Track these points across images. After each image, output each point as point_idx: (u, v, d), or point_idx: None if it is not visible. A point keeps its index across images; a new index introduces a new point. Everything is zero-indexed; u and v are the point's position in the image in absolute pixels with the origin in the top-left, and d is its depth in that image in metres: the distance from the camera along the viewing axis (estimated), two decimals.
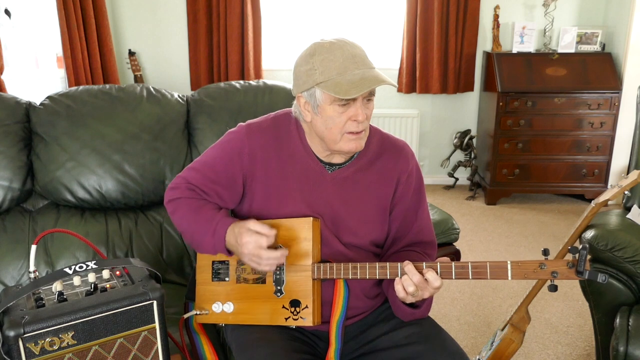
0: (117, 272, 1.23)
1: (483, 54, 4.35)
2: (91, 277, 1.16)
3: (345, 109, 1.23)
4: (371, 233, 1.38)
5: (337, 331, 1.30)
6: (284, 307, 1.30)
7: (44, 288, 1.16)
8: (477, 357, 2.07)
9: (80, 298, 1.12)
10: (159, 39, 4.34)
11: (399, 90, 4.40)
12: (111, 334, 1.12)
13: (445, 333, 1.33)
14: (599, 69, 3.95)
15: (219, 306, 1.36)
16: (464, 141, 4.32)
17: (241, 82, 2.00)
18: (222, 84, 1.99)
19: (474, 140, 4.40)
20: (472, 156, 4.38)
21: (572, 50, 4.06)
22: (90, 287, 1.15)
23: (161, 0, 4.26)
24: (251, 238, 1.22)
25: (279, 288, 1.30)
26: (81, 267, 1.14)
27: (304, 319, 1.28)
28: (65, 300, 1.11)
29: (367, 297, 1.39)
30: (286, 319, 1.29)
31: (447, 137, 4.59)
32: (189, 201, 1.35)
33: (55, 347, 1.07)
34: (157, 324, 1.17)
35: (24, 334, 1.03)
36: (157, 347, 1.18)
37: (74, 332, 1.08)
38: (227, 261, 1.37)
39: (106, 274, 1.21)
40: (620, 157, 4.01)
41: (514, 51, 4.11)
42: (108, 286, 1.16)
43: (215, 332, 1.57)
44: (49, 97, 1.84)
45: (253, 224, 1.23)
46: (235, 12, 4.13)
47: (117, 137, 1.79)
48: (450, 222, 1.89)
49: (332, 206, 1.34)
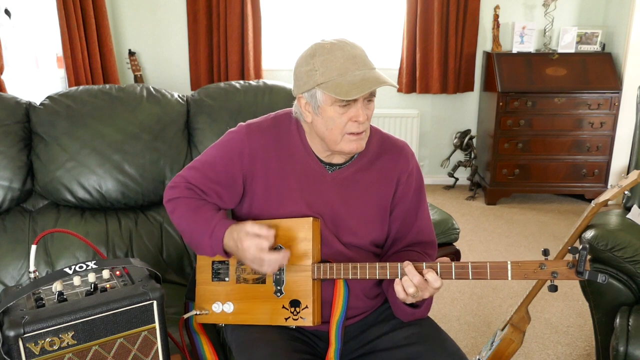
0: (117, 272, 1.23)
1: (483, 54, 4.35)
2: (91, 277, 1.16)
3: (346, 109, 1.23)
4: (371, 233, 1.38)
5: (337, 331, 1.30)
6: (283, 307, 1.30)
7: (44, 288, 1.16)
8: (477, 357, 2.07)
9: (80, 298, 1.12)
10: (159, 39, 4.34)
11: (399, 90, 4.40)
12: (111, 334, 1.12)
13: (445, 334, 1.33)
14: (599, 69, 3.95)
15: (219, 306, 1.36)
16: (464, 141, 4.32)
17: (241, 82, 2.00)
18: (222, 84, 1.99)
19: (474, 140, 4.40)
20: (472, 156, 4.38)
21: (572, 50, 4.06)
22: (90, 287, 1.15)
23: (161, 0, 4.26)
24: (252, 242, 1.21)
25: (278, 288, 1.30)
26: (81, 267, 1.14)
27: (303, 319, 1.28)
28: (65, 300, 1.11)
29: (367, 297, 1.39)
30: (286, 319, 1.29)
31: (447, 137, 4.59)
32: (188, 201, 1.35)
33: (55, 347, 1.07)
34: (157, 324, 1.17)
35: (24, 334, 1.03)
36: (157, 347, 1.18)
37: (74, 332, 1.08)
38: (227, 261, 1.37)
39: (106, 274, 1.21)
40: (620, 157, 4.01)
41: (514, 51, 4.11)
42: (108, 286, 1.16)
43: (215, 332, 1.57)
44: (49, 97, 1.84)
45: (251, 226, 1.23)
46: (235, 12, 4.13)
47: (117, 137, 1.79)
48: (450, 222, 1.89)
49: (332, 206, 1.34)
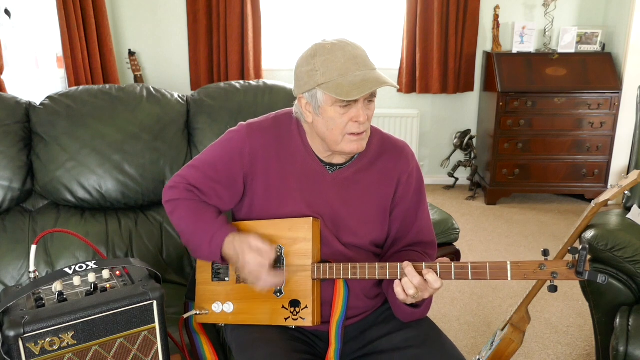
0: (117, 272, 1.23)
1: (483, 54, 4.35)
2: (91, 277, 1.16)
3: (347, 110, 1.23)
4: (371, 233, 1.38)
5: (337, 331, 1.30)
6: (283, 307, 1.30)
7: (44, 288, 1.16)
8: (477, 357, 2.07)
9: (80, 298, 1.12)
10: (159, 39, 4.34)
11: (399, 90, 4.40)
12: (111, 334, 1.12)
13: (445, 337, 1.33)
14: (599, 69, 3.95)
15: (219, 306, 1.36)
16: (464, 141, 4.32)
17: (241, 82, 2.00)
18: (222, 84, 1.99)
19: (474, 140, 4.40)
20: (472, 156, 4.38)
21: (572, 50, 4.06)
22: (90, 287, 1.15)
23: (161, 0, 4.26)
24: (254, 257, 1.22)
25: (278, 288, 1.30)
26: (81, 267, 1.14)
27: (303, 319, 1.28)
28: (65, 300, 1.11)
29: (367, 297, 1.39)
30: (286, 319, 1.29)
31: (447, 137, 4.59)
32: (188, 203, 1.35)
33: (55, 347, 1.07)
34: (157, 324, 1.17)
35: (24, 334, 1.03)
36: (157, 347, 1.18)
37: (74, 332, 1.08)
38: None
39: (106, 274, 1.21)
40: (620, 157, 4.01)
41: (514, 51, 4.11)
42: (108, 286, 1.16)
43: (215, 332, 1.57)
44: (49, 97, 1.85)
45: (254, 241, 1.24)
46: (235, 12, 4.13)
47: (117, 137, 1.79)
48: (450, 222, 1.89)
49: (333, 206, 1.34)
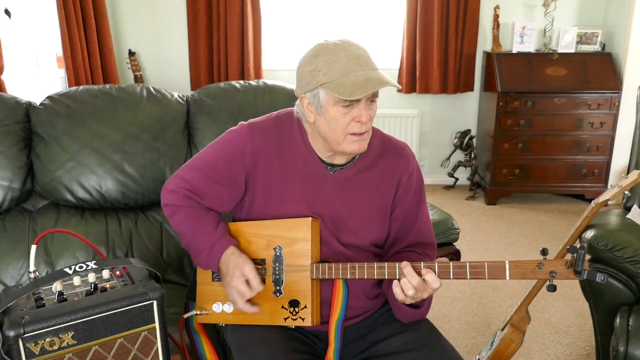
0: (117, 272, 1.23)
1: (483, 54, 4.35)
2: (91, 277, 1.16)
3: (349, 110, 1.23)
4: (371, 234, 1.38)
5: (337, 331, 1.30)
6: (283, 307, 1.30)
7: (44, 288, 1.16)
8: (477, 357, 2.07)
9: (80, 298, 1.12)
10: (159, 39, 4.34)
11: (399, 90, 4.40)
12: (111, 334, 1.12)
13: (445, 340, 1.33)
14: (599, 69, 3.95)
15: (219, 306, 1.36)
16: (464, 141, 4.32)
17: (241, 82, 2.00)
18: (222, 84, 1.99)
19: (474, 140, 4.40)
20: (472, 156, 4.38)
21: (572, 50, 4.06)
22: (90, 287, 1.15)
23: (161, 0, 4.26)
24: (239, 284, 1.26)
25: (278, 288, 1.30)
26: (81, 267, 1.14)
27: (303, 319, 1.27)
28: (65, 300, 1.11)
29: (367, 298, 1.39)
30: (285, 319, 1.29)
31: (447, 137, 4.59)
32: (187, 210, 1.35)
33: (55, 347, 1.07)
34: (157, 324, 1.17)
35: (24, 334, 1.03)
36: (157, 347, 1.18)
37: (74, 332, 1.08)
38: None
39: (106, 274, 1.21)
40: (620, 157, 4.01)
41: (514, 51, 4.11)
42: (108, 286, 1.17)
43: (215, 332, 1.57)
44: (49, 97, 1.85)
45: (249, 271, 1.27)
46: (235, 12, 4.13)
47: (117, 137, 1.79)
48: (450, 222, 1.89)
49: (333, 207, 1.34)
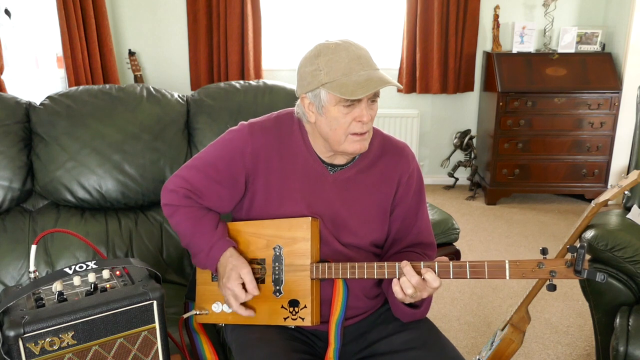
0: (117, 272, 1.23)
1: (483, 54, 4.35)
2: (91, 277, 1.16)
3: (350, 109, 1.23)
4: (371, 234, 1.38)
5: (337, 331, 1.30)
6: (282, 307, 1.30)
7: (44, 288, 1.16)
8: (477, 357, 2.07)
9: (80, 298, 1.12)
10: (159, 39, 4.34)
11: (399, 90, 4.40)
12: (111, 334, 1.12)
13: (445, 339, 1.33)
14: (599, 69, 3.95)
15: (219, 306, 1.36)
16: (464, 141, 4.32)
17: (241, 82, 2.00)
18: (222, 84, 1.99)
19: (474, 140, 4.40)
20: (472, 156, 4.38)
21: (572, 50, 4.06)
22: (90, 287, 1.15)
23: (161, 0, 4.26)
24: (235, 287, 1.26)
25: (277, 288, 1.30)
26: (81, 267, 1.14)
27: (302, 319, 1.27)
28: (65, 300, 1.11)
29: (367, 297, 1.39)
30: (285, 319, 1.29)
31: (447, 137, 4.59)
32: (187, 210, 1.35)
33: (55, 347, 1.07)
34: (157, 324, 1.17)
35: (24, 334, 1.03)
36: (157, 347, 1.18)
37: (74, 332, 1.08)
38: None
39: (106, 274, 1.21)
40: (620, 157, 4.01)
41: (514, 51, 4.11)
42: (108, 286, 1.17)
43: (215, 332, 1.57)
44: (49, 97, 1.85)
45: (246, 274, 1.27)
46: (235, 12, 4.13)
47: (117, 137, 1.79)
48: (450, 222, 1.89)
49: (333, 207, 1.34)
